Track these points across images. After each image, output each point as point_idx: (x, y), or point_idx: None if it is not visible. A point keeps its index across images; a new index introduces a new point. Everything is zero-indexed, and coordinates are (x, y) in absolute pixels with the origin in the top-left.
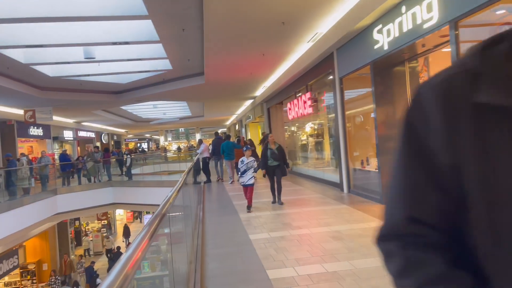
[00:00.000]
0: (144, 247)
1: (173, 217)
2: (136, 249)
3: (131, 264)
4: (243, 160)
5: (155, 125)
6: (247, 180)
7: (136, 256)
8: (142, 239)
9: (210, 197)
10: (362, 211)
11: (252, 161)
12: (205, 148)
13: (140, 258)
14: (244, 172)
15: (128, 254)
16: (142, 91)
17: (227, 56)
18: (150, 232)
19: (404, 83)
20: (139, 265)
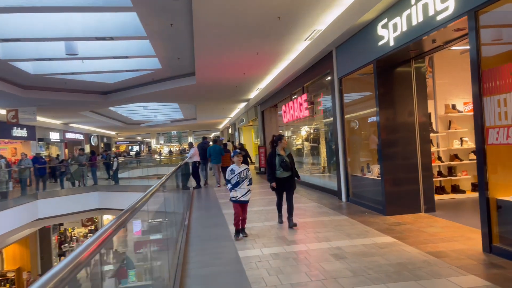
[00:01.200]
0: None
1: (150, 227)
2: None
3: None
4: (234, 169)
5: (146, 128)
6: (241, 196)
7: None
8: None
9: (199, 204)
10: (364, 223)
11: (246, 170)
12: (195, 152)
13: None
14: (236, 184)
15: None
16: (130, 92)
17: (219, 55)
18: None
19: (409, 84)
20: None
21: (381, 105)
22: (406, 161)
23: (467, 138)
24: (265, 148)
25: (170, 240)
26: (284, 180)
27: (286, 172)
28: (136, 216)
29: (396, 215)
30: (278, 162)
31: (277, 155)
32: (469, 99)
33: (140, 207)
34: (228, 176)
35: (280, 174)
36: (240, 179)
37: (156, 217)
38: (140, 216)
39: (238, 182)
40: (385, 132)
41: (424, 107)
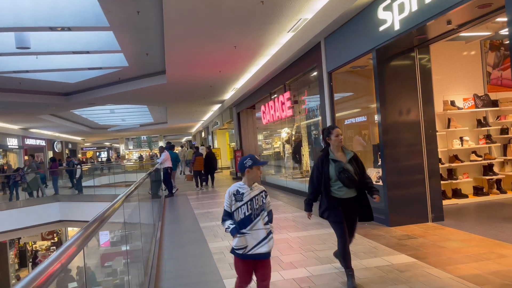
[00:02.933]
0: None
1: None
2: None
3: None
4: (240, 192)
5: (114, 133)
6: (255, 245)
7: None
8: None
9: (172, 216)
10: (367, 237)
11: (263, 195)
12: (167, 157)
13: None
14: (246, 222)
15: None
16: (95, 93)
17: (192, 48)
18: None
19: (413, 76)
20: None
21: (381, 100)
22: (411, 163)
23: (467, 137)
24: (241, 152)
25: (135, 266)
26: (347, 203)
27: (349, 189)
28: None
29: (401, 225)
30: (335, 172)
31: (332, 161)
32: (469, 95)
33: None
34: (228, 203)
35: (339, 193)
36: (252, 211)
37: (118, 240)
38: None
39: (249, 217)
40: (386, 131)
41: (430, 102)
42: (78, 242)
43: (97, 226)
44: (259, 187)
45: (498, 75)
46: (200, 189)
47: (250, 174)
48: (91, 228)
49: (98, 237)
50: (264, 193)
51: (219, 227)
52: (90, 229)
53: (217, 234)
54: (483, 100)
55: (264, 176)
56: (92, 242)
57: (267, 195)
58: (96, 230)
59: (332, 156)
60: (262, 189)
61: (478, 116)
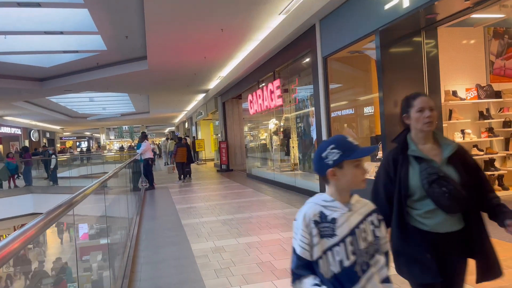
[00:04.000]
0: None
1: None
2: None
3: None
4: (327, 213)
5: (94, 122)
6: None
7: None
8: None
9: (151, 211)
10: None
11: (375, 220)
12: (148, 147)
13: None
14: (348, 279)
15: None
16: (71, 78)
17: (175, 32)
18: None
19: (419, 62)
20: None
21: (384, 88)
22: None
23: (469, 130)
24: (226, 143)
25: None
26: (446, 243)
27: (450, 215)
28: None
29: None
30: (421, 182)
31: (416, 160)
32: (472, 85)
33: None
34: (305, 241)
35: (429, 222)
36: (356, 257)
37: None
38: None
39: (352, 271)
40: (390, 122)
41: (436, 91)
42: (39, 225)
43: (62, 212)
44: (362, 203)
45: (502, 65)
46: (183, 181)
47: (342, 178)
48: (55, 213)
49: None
50: (376, 215)
51: (202, 225)
52: (53, 214)
53: (201, 233)
54: (486, 91)
55: (250, 168)
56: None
57: (381, 220)
58: (60, 216)
59: (414, 150)
60: (370, 208)
61: (480, 107)
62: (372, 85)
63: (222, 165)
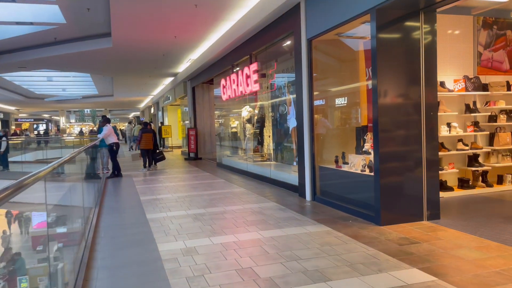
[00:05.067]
0: None
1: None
2: None
3: None
4: None
5: (53, 104)
6: None
7: None
8: None
9: (112, 203)
10: (359, 240)
11: None
12: (110, 131)
13: None
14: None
15: None
16: (25, 54)
17: (143, 6)
18: None
19: (416, 47)
20: None
21: (379, 74)
22: (408, 151)
23: (456, 123)
24: (195, 131)
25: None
26: None
27: None
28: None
29: (393, 224)
30: None
31: None
32: (459, 76)
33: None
34: None
35: None
36: None
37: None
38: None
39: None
40: (383, 111)
41: (433, 79)
42: None
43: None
44: None
45: (489, 56)
46: (148, 169)
47: None
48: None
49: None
50: None
51: (170, 220)
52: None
53: (169, 231)
54: (474, 83)
55: (220, 157)
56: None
57: None
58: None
59: None
60: None
61: (466, 100)
62: (359, 72)
63: (190, 153)
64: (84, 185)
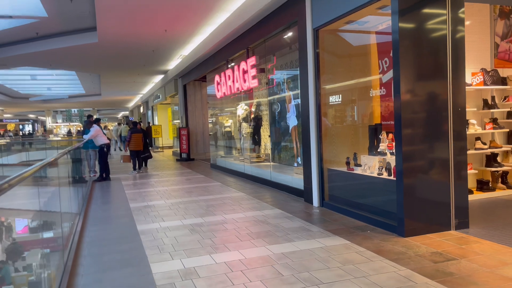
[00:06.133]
0: None
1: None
2: None
3: None
4: None
5: (38, 104)
6: None
7: None
8: None
9: (98, 212)
10: (382, 254)
11: None
12: (98, 132)
13: None
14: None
15: None
16: (5, 51)
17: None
18: None
19: (443, 36)
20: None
21: (402, 66)
22: (433, 152)
23: (474, 120)
24: (187, 130)
25: None
26: None
27: None
28: None
29: (418, 235)
30: None
31: None
32: (477, 69)
33: None
34: None
35: None
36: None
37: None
38: None
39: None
40: (407, 107)
41: (461, 71)
42: None
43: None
44: None
45: (506, 48)
46: (138, 172)
47: None
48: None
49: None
50: None
51: (165, 233)
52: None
53: (163, 246)
54: (492, 77)
55: (214, 158)
56: None
57: None
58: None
59: None
60: None
61: (484, 95)
62: (372, 65)
63: (182, 153)
64: (69, 192)
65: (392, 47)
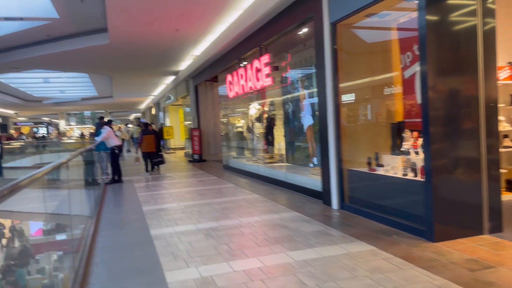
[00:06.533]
0: None
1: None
2: None
3: None
4: None
5: (52, 106)
6: None
7: None
8: None
9: (111, 215)
10: (412, 261)
11: None
12: (109, 133)
13: None
14: None
15: None
16: (17, 53)
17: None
18: None
19: (473, 28)
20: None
21: (430, 60)
22: (464, 150)
23: (502, 117)
24: (199, 131)
25: None
26: None
27: None
28: None
29: (449, 239)
30: None
31: None
32: (504, 62)
33: None
34: None
35: None
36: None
37: None
38: None
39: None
40: (436, 103)
41: (492, 65)
42: None
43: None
44: None
45: None
46: (150, 174)
47: None
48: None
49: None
50: None
51: (179, 238)
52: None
53: (178, 253)
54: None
55: (227, 159)
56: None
57: None
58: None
59: None
60: None
61: (511, 90)
62: (393, 60)
63: (194, 155)
64: (81, 196)
65: (419, 41)
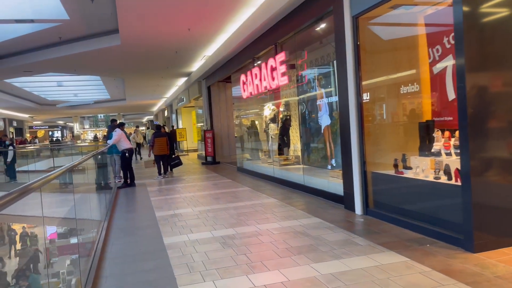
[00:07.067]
0: None
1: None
2: None
3: None
4: None
5: (66, 110)
6: None
7: None
8: None
9: (123, 221)
10: (453, 276)
11: None
12: (120, 136)
13: None
14: None
15: None
16: (29, 56)
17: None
18: None
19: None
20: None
21: (468, 53)
22: (505, 151)
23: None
24: (212, 133)
25: None
26: None
27: None
28: None
29: (490, 249)
30: None
31: None
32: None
33: None
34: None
35: None
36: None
37: None
38: None
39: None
40: (475, 99)
41: None
42: None
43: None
44: None
45: None
46: (164, 177)
47: None
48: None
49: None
50: None
51: (194, 247)
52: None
53: (193, 265)
54: None
55: (241, 161)
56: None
57: None
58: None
59: None
60: None
61: None
62: (420, 55)
63: (207, 157)
64: (91, 202)
65: (454, 33)
